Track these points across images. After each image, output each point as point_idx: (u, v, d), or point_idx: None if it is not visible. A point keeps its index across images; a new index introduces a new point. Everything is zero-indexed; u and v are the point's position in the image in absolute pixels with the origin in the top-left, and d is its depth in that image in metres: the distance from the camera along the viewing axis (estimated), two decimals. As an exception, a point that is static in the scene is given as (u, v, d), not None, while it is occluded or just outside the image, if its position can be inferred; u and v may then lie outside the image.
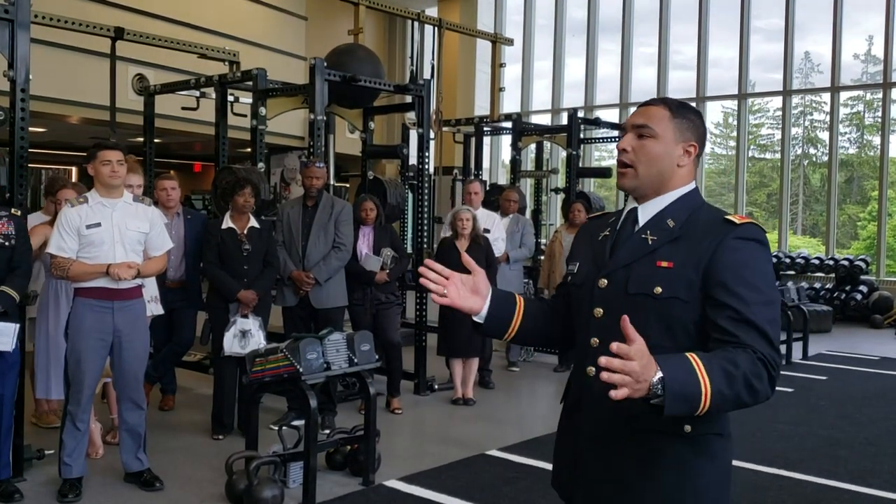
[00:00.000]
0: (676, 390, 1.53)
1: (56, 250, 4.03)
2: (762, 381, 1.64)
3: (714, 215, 1.82)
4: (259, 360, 4.32)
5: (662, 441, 1.77)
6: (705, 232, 1.78)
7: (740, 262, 1.73)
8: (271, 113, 6.41)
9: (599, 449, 1.85)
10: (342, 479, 4.53)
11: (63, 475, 4.13)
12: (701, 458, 1.78)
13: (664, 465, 1.77)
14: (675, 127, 1.85)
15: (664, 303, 1.76)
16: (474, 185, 7.40)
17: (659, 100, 1.90)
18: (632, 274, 1.81)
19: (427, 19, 10.75)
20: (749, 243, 1.75)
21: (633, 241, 1.85)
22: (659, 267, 1.78)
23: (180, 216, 5.82)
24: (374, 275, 5.92)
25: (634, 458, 1.79)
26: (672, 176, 1.85)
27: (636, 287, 1.79)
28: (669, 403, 1.53)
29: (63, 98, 9.99)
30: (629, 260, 1.83)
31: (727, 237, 1.75)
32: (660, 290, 1.76)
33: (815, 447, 5.38)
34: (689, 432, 1.75)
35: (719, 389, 1.58)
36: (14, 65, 4.32)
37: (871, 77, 14.12)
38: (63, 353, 4.22)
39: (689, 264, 1.76)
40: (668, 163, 1.84)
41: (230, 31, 11.95)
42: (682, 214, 1.83)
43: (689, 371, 1.57)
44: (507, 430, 5.67)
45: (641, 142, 1.85)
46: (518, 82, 16.13)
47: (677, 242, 1.79)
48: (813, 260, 12.45)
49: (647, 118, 1.85)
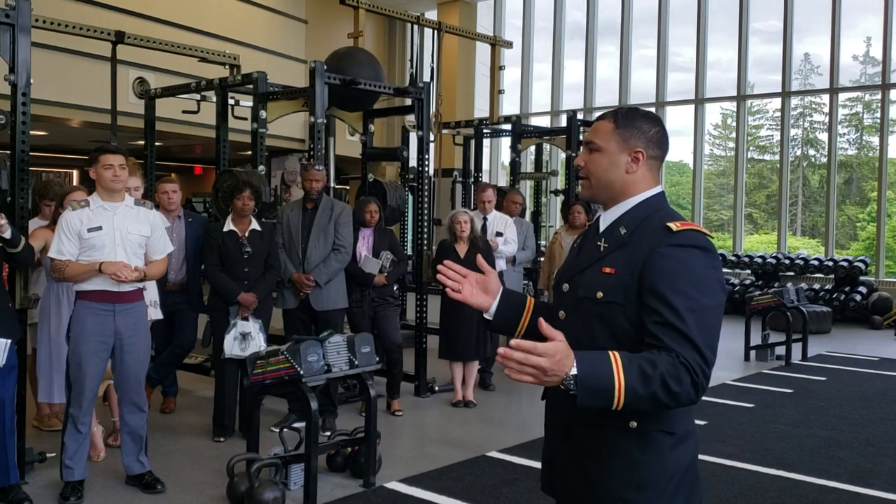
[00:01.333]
0: (589, 384, 1.66)
1: (56, 254, 4.04)
2: (681, 384, 1.70)
3: (660, 221, 1.87)
4: (260, 362, 4.33)
5: (613, 435, 1.86)
6: (647, 238, 1.85)
7: (671, 269, 1.78)
8: (272, 116, 6.43)
9: (566, 444, 1.98)
10: (343, 481, 4.54)
11: (65, 478, 4.15)
12: (647, 453, 1.85)
13: (614, 458, 1.87)
14: (618, 137, 1.93)
15: (605, 306, 1.86)
16: (488, 192, 7.20)
17: (608, 113, 1.99)
18: (583, 279, 1.93)
19: (426, 22, 10.76)
20: (684, 250, 1.80)
21: (589, 247, 1.98)
22: (603, 273, 1.88)
23: (181, 219, 5.84)
24: (372, 277, 5.93)
25: (591, 452, 1.90)
26: (624, 184, 1.94)
27: (584, 291, 1.91)
28: (580, 395, 1.66)
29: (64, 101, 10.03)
30: (584, 266, 1.95)
31: (661, 244, 1.82)
32: (601, 295, 1.87)
33: (815, 448, 5.40)
34: (635, 428, 1.84)
35: (632, 386, 1.68)
36: (15, 69, 4.34)
37: (870, 78, 14.14)
38: (64, 357, 4.23)
39: (627, 270, 1.84)
40: (615, 172, 1.93)
41: (231, 34, 11.99)
42: (636, 221, 1.91)
43: (605, 367, 1.68)
44: (508, 431, 5.69)
45: (591, 156, 1.96)
46: (518, 85, 16.16)
47: (623, 249, 1.88)
48: (812, 261, 12.46)
49: (593, 134, 1.97)
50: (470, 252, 6.23)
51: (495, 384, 7.05)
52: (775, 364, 8.48)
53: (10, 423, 4.02)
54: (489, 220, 7.11)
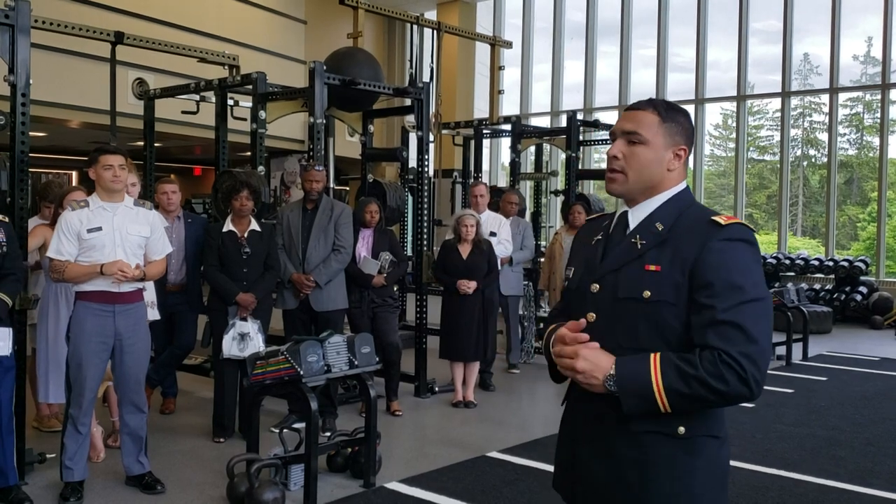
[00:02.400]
0: (625, 386, 1.70)
1: (55, 254, 4.04)
2: (727, 382, 1.66)
3: (701, 216, 1.82)
4: (260, 362, 4.33)
5: (658, 442, 1.78)
6: (691, 234, 1.79)
7: (724, 263, 1.73)
8: (271, 116, 6.42)
9: (597, 450, 1.86)
10: (343, 482, 4.53)
11: (64, 479, 4.14)
12: (696, 459, 1.79)
13: (660, 466, 1.79)
14: (665, 132, 1.85)
15: (653, 306, 1.77)
16: (479, 187, 7.36)
17: (647, 103, 1.89)
18: (621, 278, 1.83)
19: (426, 23, 10.76)
20: (734, 244, 1.75)
21: (622, 245, 1.87)
22: (647, 271, 1.79)
23: (181, 220, 5.84)
24: (371, 278, 5.92)
25: (631, 460, 1.81)
26: (661, 180, 1.86)
27: (625, 291, 1.81)
28: (623, 400, 1.70)
29: (63, 102, 10.02)
30: (619, 264, 1.85)
31: (712, 239, 1.75)
32: (648, 294, 1.78)
33: (816, 447, 5.39)
34: (683, 434, 1.77)
35: (672, 388, 1.68)
36: (14, 69, 4.33)
37: (871, 78, 14.13)
38: (64, 357, 4.22)
39: (675, 267, 1.77)
40: (658, 168, 1.85)
41: (230, 34, 11.99)
42: (671, 217, 1.84)
43: (642, 369, 1.69)
44: (508, 431, 5.68)
45: (632, 148, 1.85)
46: (517, 85, 16.16)
47: (664, 245, 1.80)
48: (813, 261, 12.46)
49: (636, 124, 1.85)
50: (472, 253, 6.25)
51: (495, 384, 7.04)
52: (776, 364, 8.47)
53: (8, 424, 4.01)
54: (482, 219, 7.10)
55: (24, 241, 4.41)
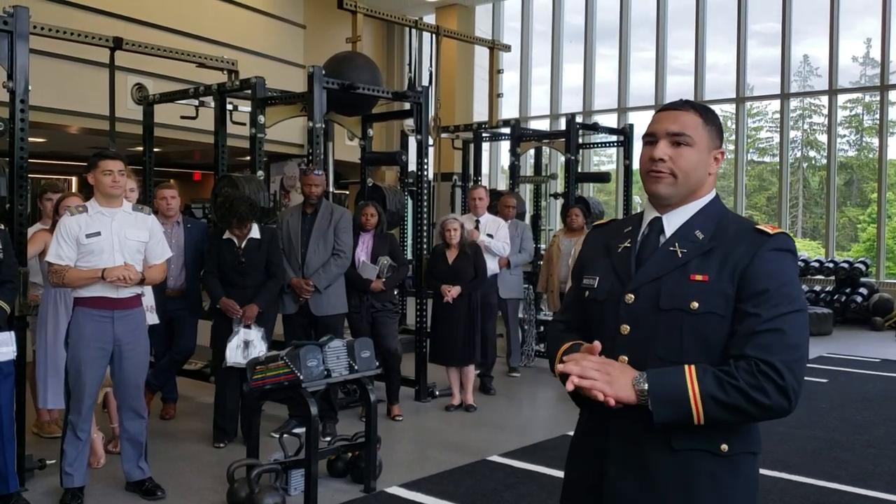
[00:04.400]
0: (659, 395, 1.63)
1: (54, 258, 4.04)
2: (766, 393, 1.62)
3: (742, 225, 1.79)
4: (259, 367, 4.33)
5: (700, 461, 1.72)
6: (737, 243, 1.74)
7: (776, 272, 1.70)
8: (270, 121, 6.42)
9: (631, 469, 1.77)
10: (343, 487, 4.53)
11: (64, 485, 4.14)
12: (737, 478, 1.74)
13: (702, 485, 1.72)
14: (708, 134, 1.81)
15: (701, 318, 1.71)
16: (479, 190, 7.35)
17: (685, 104, 1.84)
18: (663, 288, 1.75)
19: (425, 27, 10.76)
20: (782, 254, 1.73)
21: (660, 253, 1.79)
22: (693, 281, 1.72)
23: (180, 225, 5.84)
24: (370, 283, 5.92)
25: (671, 479, 1.73)
26: (702, 184, 1.82)
27: (669, 302, 1.73)
28: (654, 408, 1.63)
29: (63, 108, 10.02)
30: (658, 274, 1.77)
31: (762, 248, 1.71)
32: (696, 306, 1.71)
33: (816, 450, 5.38)
34: (727, 452, 1.72)
35: (711, 394, 1.62)
36: (13, 76, 4.34)
37: (870, 80, 14.14)
38: (63, 363, 4.22)
39: (724, 277, 1.71)
40: (703, 171, 1.81)
41: (229, 39, 11.99)
42: (710, 225, 1.79)
43: (678, 378, 1.64)
44: (509, 435, 5.67)
45: (679, 150, 1.79)
46: (517, 88, 16.17)
47: (709, 255, 1.74)
48: (813, 263, 12.45)
49: (682, 126, 1.79)
50: (458, 258, 6.25)
51: (496, 388, 7.04)
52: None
53: (8, 429, 4.01)
54: (481, 222, 7.11)
55: (24, 247, 4.42)
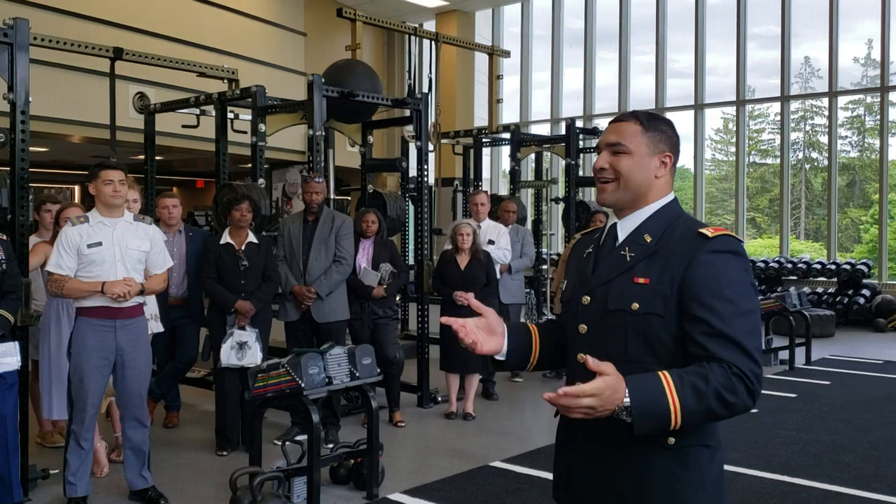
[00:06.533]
0: (645, 412, 1.64)
1: (54, 268, 4.05)
2: (737, 394, 1.68)
3: (688, 228, 1.84)
4: (261, 375, 4.34)
5: (649, 454, 1.79)
6: (679, 246, 1.80)
7: (713, 275, 1.74)
8: (271, 129, 6.45)
9: (594, 462, 1.88)
10: (346, 493, 4.53)
11: (68, 494, 4.15)
12: (687, 470, 1.80)
13: (652, 477, 1.80)
14: (648, 140, 1.87)
15: (641, 318, 1.79)
16: (480, 196, 7.34)
17: (629, 114, 1.92)
18: (611, 290, 1.84)
19: (424, 33, 10.80)
20: (722, 255, 1.76)
21: (612, 257, 1.89)
22: (636, 283, 1.81)
23: (182, 233, 5.85)
24: (371, 289, 5.93)
25: (625, 471, 1.82)
26: (650, 188, 1.88)
27: (615, 303, 1.83)
28: (638, 424, 1.65)
29: (64, 117, 10.07)
30: (609, 277, 1.87)
31: (700, 251, 1.77)
32: (637, 307, 1.80)
33: (819, 452, 5.38)
34: (673, 444, 1.78)
35: (689, 408, 1.66)
36: (14, 87, 4.36)
37: (871, 81, 14.14)
38: (66, 373, 4.23)
39: (664, 280, 1.78)
40: (644, 175, 1.87)
41: (229, 48, 12.03)
42: (659, 229, 1.85)
43: (658, 393, 1.66)
44: (511, 441, 5.68)
45: (617, 158, 1.88)
46: (517, 93, 16.19)
47: (653, 258, 1.82)
48: (815, 264, 12.44)
49: (619, 135, 1.88)
50: (471, 264, 6.22)
51: (498, 393, 7.04)
52: (779, 368, 8.46)
53: (12, 439, 4.02)
54: (482, 228, 7.11)
55: (26, 257, 4.44)
